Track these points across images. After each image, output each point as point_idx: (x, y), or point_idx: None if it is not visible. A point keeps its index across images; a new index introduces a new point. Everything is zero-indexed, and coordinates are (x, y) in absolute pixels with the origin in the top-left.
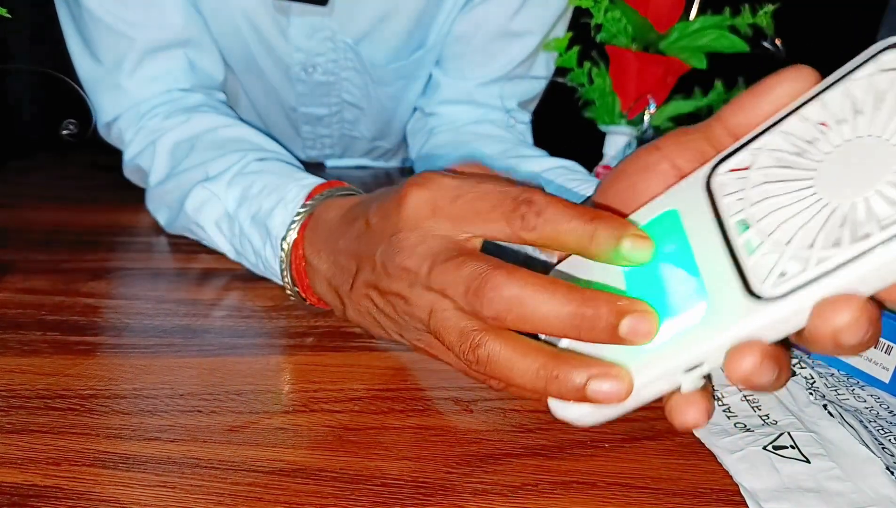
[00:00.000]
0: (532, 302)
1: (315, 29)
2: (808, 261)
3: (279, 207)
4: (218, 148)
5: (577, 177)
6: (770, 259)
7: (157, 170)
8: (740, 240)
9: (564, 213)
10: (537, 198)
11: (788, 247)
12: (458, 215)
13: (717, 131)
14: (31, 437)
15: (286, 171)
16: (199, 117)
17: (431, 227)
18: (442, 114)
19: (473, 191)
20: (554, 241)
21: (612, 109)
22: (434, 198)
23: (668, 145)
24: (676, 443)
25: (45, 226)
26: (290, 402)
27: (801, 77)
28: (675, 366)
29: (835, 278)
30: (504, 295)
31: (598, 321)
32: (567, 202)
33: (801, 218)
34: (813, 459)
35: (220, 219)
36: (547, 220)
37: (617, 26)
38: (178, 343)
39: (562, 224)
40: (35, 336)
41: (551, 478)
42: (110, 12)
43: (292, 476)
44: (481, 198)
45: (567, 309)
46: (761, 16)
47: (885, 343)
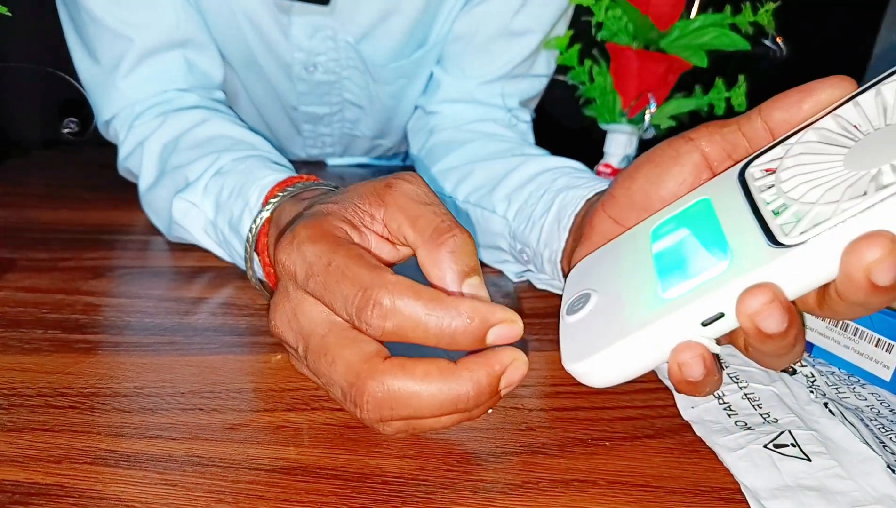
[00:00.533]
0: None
1: (316, 28)
2: (833, 211)
3: (246, 213)
4: (196, 147)
5: (585, 176)
6: (796, 215)
7: (146, 175)
8: (768, 209)
9: (418, 314)
10: (381, 296)
11: (815, 205)
12: (314, 293)
13: (755, 124)
14: (32, 435)
15: (250, 169)
16: (182, 116)
17: (300, 304)
18: (443, 112)
19: (326, 274)
20: (408, 339)
21: (613, 107)
22: (294, 271)
23: (700, 136)
24: (677, 441)
25: (45, 224)
26: (291, 400)
27: (843, 85)
28: (693, 317)
29: (859, 221)
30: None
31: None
32: (420, 290)
33: (829, 184)
34: (814, 457)
35: (206, 226)
36: (399, 323)
37: (618, 24)
38: (179, 341)
39: (415, 326)
40: (36, 334)
41: (552, 476)
42: (109, 13)
43: (293, 474)
44: (329, 276)
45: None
46: (762, 14)
47: (886, 341)
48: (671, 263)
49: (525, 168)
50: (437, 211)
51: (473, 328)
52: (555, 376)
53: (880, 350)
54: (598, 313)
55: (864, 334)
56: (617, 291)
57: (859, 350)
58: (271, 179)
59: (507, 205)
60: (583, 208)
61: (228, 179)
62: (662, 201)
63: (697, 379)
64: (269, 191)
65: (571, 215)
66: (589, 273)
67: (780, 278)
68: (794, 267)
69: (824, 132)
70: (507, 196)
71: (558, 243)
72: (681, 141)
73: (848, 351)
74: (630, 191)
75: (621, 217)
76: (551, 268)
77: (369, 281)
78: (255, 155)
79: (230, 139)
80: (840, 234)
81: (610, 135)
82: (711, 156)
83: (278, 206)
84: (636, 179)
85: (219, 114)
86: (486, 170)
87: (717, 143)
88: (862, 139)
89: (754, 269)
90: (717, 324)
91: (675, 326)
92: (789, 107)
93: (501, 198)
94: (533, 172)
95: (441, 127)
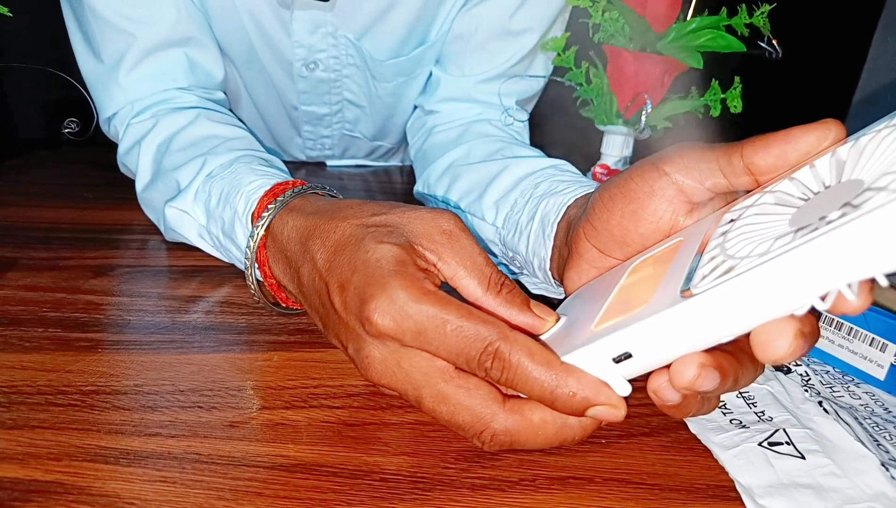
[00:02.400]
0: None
1: (317, 24)
2: (735, 266)
3: (237, 222)
4: (187, 148)
5: (566, 179)
6: (715, 265)
7: (142, 175)
8: (706, 257)
9: (528, 373)
10: (502, 348)
11: (731, 258)
12: (425, 348)
13: (735, 165)
14: (32, 433)
15: (236, 175)
16: (175, 117)
17: (404, 356)
18: (442, 111)
19: (439, 330)
20: (517, 389)
21: (610, 109)
22: (398, 329)
23: (675, 170)
24: (672, 439)
25: (46, 222)
26: (290, 398)
27: (828, 129)
28: (604, 353)
29: (754, 275)
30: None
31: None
32: (534, 351)
33: (757, 238)
34: (808, 455)
35: (201, 231)
36: (511, 377)
37: (615, 26)
38: (178, 339)
39: (526, 376)
40: (36, 332)
41: (548, 474)
42: (113, 10)
43: (292, 471)
44: (446, 336)
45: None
46: (757, 16)
47: (880, 341)
48: (620, 299)
49: (510, 172)
50: (486, 261)
51: (575, 402)
52: None
53: (874, 349)
54: (553, 338)
55: (859, 333)
56: (574, 319)
57: (854, 349)
58: (256, 186)
59: (495, 213)
60: (563, 216)
61: (216, 186)
62: (641, 237)
63: (672, 402)
64: (259, 203)
65: (553, 224)
66: (573, 300)
67: (684, 326)
68: (693, 314)
69: (797, 183)
70: (495, 203)
71: (545, 251)
72: (655, 173)
73: (842, 351)
74: (609, 225)
75: (604, 247)
76: (542, 275)
77: (488, 335)
78: (242, 155)
79: (219, 138)
80: (735, 287)
81: (607, 136)
82: (687, 189)
83: (273, 218)
84: (613, 213)
85: (210, 112)
86: (475, 173)
87: (694, 177)
88: (821, 193)
89: (655, 313)
90: (629, 363)
91: (591, 358)
92: (769, 153)
93: (490, 205)
94: (517, 176)
95: (438, 127)
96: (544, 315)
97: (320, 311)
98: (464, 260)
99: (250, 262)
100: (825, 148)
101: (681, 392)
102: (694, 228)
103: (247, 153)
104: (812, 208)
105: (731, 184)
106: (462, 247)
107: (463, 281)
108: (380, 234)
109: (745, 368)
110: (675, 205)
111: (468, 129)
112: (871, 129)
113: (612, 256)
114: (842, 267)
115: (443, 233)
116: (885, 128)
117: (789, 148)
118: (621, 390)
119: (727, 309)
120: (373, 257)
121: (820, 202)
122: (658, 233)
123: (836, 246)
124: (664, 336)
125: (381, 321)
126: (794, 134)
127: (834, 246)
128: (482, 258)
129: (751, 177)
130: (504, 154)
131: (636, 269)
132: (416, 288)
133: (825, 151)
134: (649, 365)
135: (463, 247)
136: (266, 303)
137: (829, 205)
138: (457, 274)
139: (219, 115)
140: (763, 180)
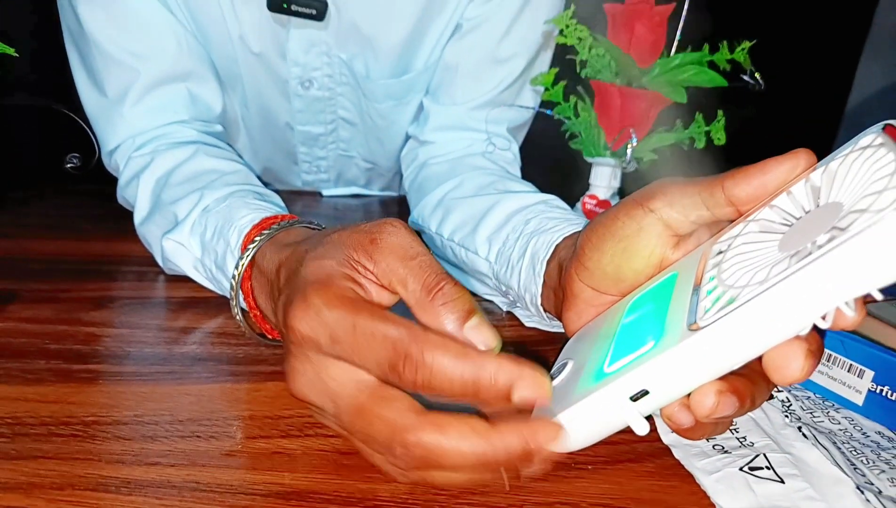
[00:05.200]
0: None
1: (312, 43)
2: (737, 296)
3: (228, 255)
4: (185, 183)
5: (555, 215)
6: (717, 297)
7: (140, 208)
8: (704, 289)
9: (444, 369)
10: (412, 349)
11: (731, 288)
12: (342, 356)
13: (717, 198)
14: (36, 463)
15: (230, 209)
16: (174, 152)
17: (318, 359)
18: (435, 142)
19: (354, 336)
20: (438, 392)
21: (598, 141)
22: (318, 336)
23: (660, 207)
24: (657, 465)
25: (46, 255)
26: (286, 427)
27: (801, 158)
28: (621, 392)
29: (747, 308)
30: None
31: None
32: (448, 346)
33: (752, 266)
34: (787, 479)
35: (195, 264)
36: (428, 377)
37: (601, 62)
38: (178, 370)
39: (443, 381)
40: (38, 364)
41: (536, 499)
42: (117, 45)
43: (287, 499)
44: (356, 340)
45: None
46: (738, 52)
47: (858, 367)
48: (627, 337)
49: (501, 207)
50: (423, 263)
51: (499, 387)
52: None
53: (852, 375)
54: (564, 382)
55: (838, 360)
56: (582, 362)
57: (833, 375)
58: (248, 220)
59: (488, 248)
60: (553, 254)
61: (211, 219)
62: (635, 272)
63: (687, 426)
64: (247, 235)
65: (543, 261)
66: (576, 342)
67: (696, 359)
68: (704, 347)
69: (777, 210)
70: (487, 238)
71: (535, 288)
72: (640, 211)
73: (822, 377)
74: (601, 264)
75: (599, 286)
76: (535, 310)
77: (398, 336)
78: (238, 190)
79: (216, 172)
80: (735, 320)
81: (595, 167)
82: (673, 224)
83: (258, 249)
84: (605, 253)
85: (209, 147)
86: (468, 207)
87: (679, 212)
88: (802, 218)
89: (668, 349)
90: (647, 400)
91: (608, 399)
92: (749, 184)
93: (483, 240)
94: (508, 212)
95: (431, 159)
96: (481, 338)
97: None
98: (392, 267)
99: (234, 292)
100: (798, 174)
101: (703, 420)
102: (686, 261)
103: (242, 187)
104: (798, 233)
105: (714, 216)
106: (389, 249)
107: (398, 287)
108: (318, 253)
109: (759, 388)
110: (664, 240)
111: (460, 162)
112: (838, 154)
113: (609, 293)
114: (839, 287)
115: (371, 241)
116: (852, 153)
117: (767, 178)
118: (640, 429)
119: (736, 338)
120: (302, 272)
121: (804, 226)
122: (650, 268)
123: (831, 268)
124: (679, 370)
125: (298, 326)
126: (770, 165)
127: (829, 268)
128: (418, 261)
129: (732, 207)
130: (496, 187)
131: (635, 307)
132: (332, 295)
133: (799, 178)
134: (666, 400)
135: (394, 251)
136: (251, 334)
137: (815, 228)
138: (391, 281)
139: (217, 150)
140: (744, 209)
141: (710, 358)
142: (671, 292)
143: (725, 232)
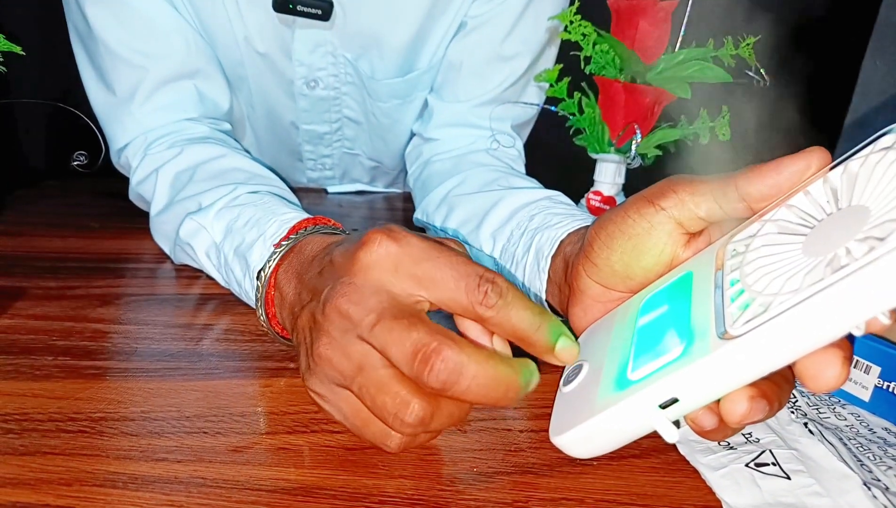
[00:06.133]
0: (476, 376)
1: (317, 44)
2: (770, 304)
3: (259, 242)
4: (213, 179)
5: (559, 211)
6: (746, 304)
7: (158, 200)
8: (728, 294)
9: (522, 301)
10: (500, 280)
11: (760, 295)
12: (420, 277)
13: (730, 197)
14: (43, 459)
15: (271, 205)
16: (200, 148)
17: (388, 281)
18: (440, 139)
19: (440, 259)
20: (505, 323)
21: (602, 138)
22: (399, 254)
23: (671, 205)
24: (662, 461)
25: (53, 252)
26: (292, 423)
27: (814, 157)
28: (651, 401)
29: (784, 318)
30: (451, 367)
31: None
32: (522, 292)
33: (780, 271)
34: (793, 475)
35: (209, 249)
36: (506, 303)
37: (605, 58)
38: (184, 366)
39: (518, 310)
40: (46, 361)
41: (541, 495)
42: (125, 45)
43: (293, 495)
44: (446, 266)
45: (505, 382)
46: (743, 48)
47: (864, 363)
48: (647, 340)
49: (506, 203)
50: (466, 271)
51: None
52: (543, 399)
53: (859, 371)
54: (582, 387)
55: None
56: (600, 365)
57: None
58: (291, 217)
59: (492, 245)
60: (558, 250)
61: (246, 210)
62: (645, 270)
63: (710, 428)
64: (290, 229)
65: (547, 257)
66: (588, 342)
67: (728, 368)
68: (737, 356)
69: (795, 210)
70: (492, 234)
71: (540, 284)
72: (651, 209)
73: None
74: (610, 261)
75: (608, 283)
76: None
77: (483, 270)
78: (272, 190)
79: (246, 173)
80: (770, 330)
81: (599, 163)
82: (684, 222)
83: (304, 238)
84: (614, 250)
85: (235, 150)
86: (472, 203)
87: (690, 210)
88: (824, 220)
89: (701, 357)
90: (675, 407)
91: (636, 408)
92: (763, 183)
93: (487, 236)
94: (513, 208)
95: (435, 156)
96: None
97: (312, 288)
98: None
99: (265, 276)
100: (812, 173)
101: (733, 426)
102: (700, 259)
103: (276, 190)
104: (823, 236)
105: (726, 214)
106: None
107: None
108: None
109: (782, 390)
110: (675, 238)
111: (465, 159)
112: (856, 154)
113: (617, 290)
114: (880, 298)
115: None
116: (873, 154)
117: (781, 177)
118: (669, 436)
119: (771, 347)
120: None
121: (829, 230)
122: (661, 266)
123: (873, 280)
124: (711, 379)
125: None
126: (784, 163)
127: (872, 280)
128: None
129: (745, 204)
130: (500, 184)
131: (650, 306)
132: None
133: (815, 177)
134: (695, 407)
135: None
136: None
137: (843, 233)
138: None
139: (243, 154)
140: (758, 208)
141: (744, 367)
142: (689, 293)
143: (740, 231)
